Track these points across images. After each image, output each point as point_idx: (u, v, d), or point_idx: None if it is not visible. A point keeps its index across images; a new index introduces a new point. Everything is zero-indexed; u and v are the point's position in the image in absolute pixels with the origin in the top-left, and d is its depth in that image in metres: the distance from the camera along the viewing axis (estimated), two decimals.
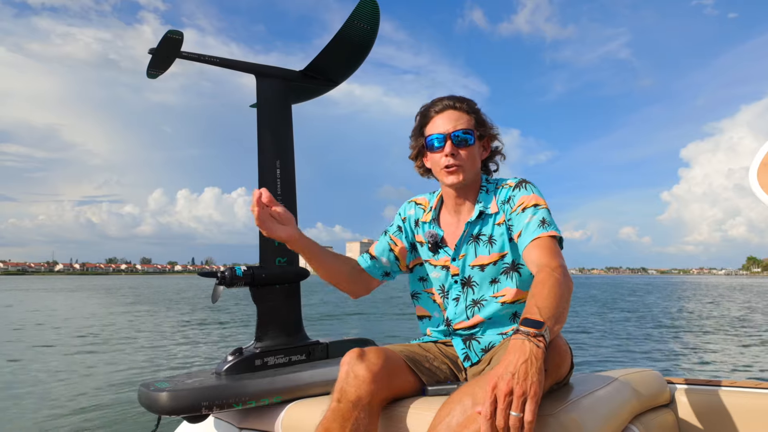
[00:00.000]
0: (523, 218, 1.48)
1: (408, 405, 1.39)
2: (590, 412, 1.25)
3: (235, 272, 1.75)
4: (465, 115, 1.58)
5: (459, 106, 1.58)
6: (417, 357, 1.50)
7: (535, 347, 1.08)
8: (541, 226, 1.44)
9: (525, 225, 1.47)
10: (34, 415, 5.63)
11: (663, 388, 1.73)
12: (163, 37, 1.79)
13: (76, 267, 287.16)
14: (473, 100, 1.61)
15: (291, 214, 1.52)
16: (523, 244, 1.45)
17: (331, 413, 1.31)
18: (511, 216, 1.53)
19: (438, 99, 1.61)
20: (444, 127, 1.56)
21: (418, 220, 1.70)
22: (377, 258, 1.71)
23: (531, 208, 1.49)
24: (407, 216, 1.72)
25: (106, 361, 9.07)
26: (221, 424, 1.76)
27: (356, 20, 1.96)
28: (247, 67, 1.95)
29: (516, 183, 1.57)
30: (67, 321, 17.65)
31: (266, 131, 1.93)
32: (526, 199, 1.51)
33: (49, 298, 33.75)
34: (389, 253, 1.71)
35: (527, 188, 1.54)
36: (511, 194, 1.55)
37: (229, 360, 1.72)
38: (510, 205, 1.54)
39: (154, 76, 1.95)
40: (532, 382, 1.04)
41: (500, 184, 1.60)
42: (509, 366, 1.05)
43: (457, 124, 1.56)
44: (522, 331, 1.11)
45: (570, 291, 1.29)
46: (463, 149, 1.55)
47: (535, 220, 1.46)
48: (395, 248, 1.71)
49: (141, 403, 1.59)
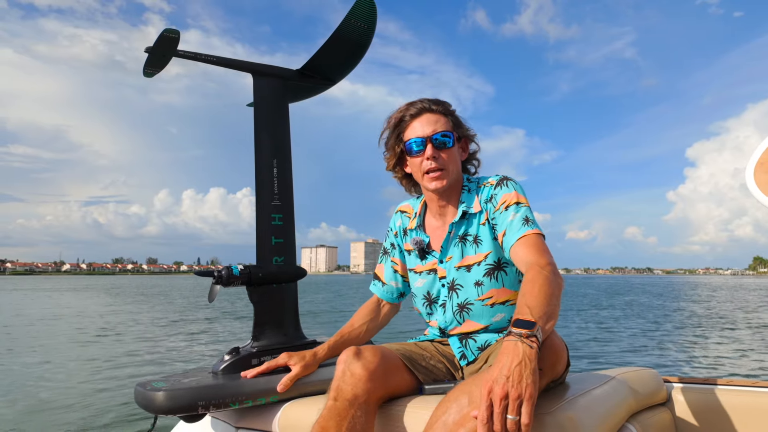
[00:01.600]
0: (506, 216, 1.48)
1: (405, 403, 1.39)
2: (587, 411, 1.25)
3: (232, 271, 1.75)
4: (443, 118, 1.56)
5: (435, 108, 1.56)
6: (413, 355, 1.50)
7: (528, 348, 1.07)
8: (525, 224, 1.44)
9: (509, 223, 1.46)
10: (29, 414, 5.62)
11: (660, 387, 1.73)
12: (159, 36, 1.79)
13: (82, 267, 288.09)
14: (449, 102, 1.60)
15: (295, 357, 1.63)
16: (509, 243, 1.44)
17: (328, 411, 1.31)
18: (494, 215, 1.51)
19: (411, 102, 1.59)
20: (423, 130, 1.54)
21: (405, 228, 1.69)
22: (387, 283, 1.75)
23: (513, 206, 1.48)
24: (397, 229, 1.72)
25: (102, 360, 9.05)
26: (218, 424, 1.75)
27: (353, 19, 1.95)
28: (244, 66, 1.95)
29: (497, 181, 1.55)
30: (63, 320, 17.62)
31: (263, 130, 1.93)
32: (508, 197, 1.50)
33: (55, 298, 33.68)
34: (395, 275, 1.74)
35: (509, 186, 1.53)
36: (493, 192, 1.54)
37: (225, 359, 1.71)
38: (493, 204, 1.52)
39: (151, 74, 1.94)
40: (527, 384, 1.03)
41: (482, 182, 1.58)
42: (503, 369, 1.05)
43: (436, 126, 1.54)
44: (514, 332, 1.10)
45: (560, 288, 1.28)
46: (444, 152, 1.54)
47: (518, 218, 1.45)
48: (398, 269, 1.73)
49: (137, 402, 1.58)
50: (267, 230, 1.89)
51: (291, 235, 1.95)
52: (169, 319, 17.51)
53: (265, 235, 1.88)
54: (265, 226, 1.89)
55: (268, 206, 1.90)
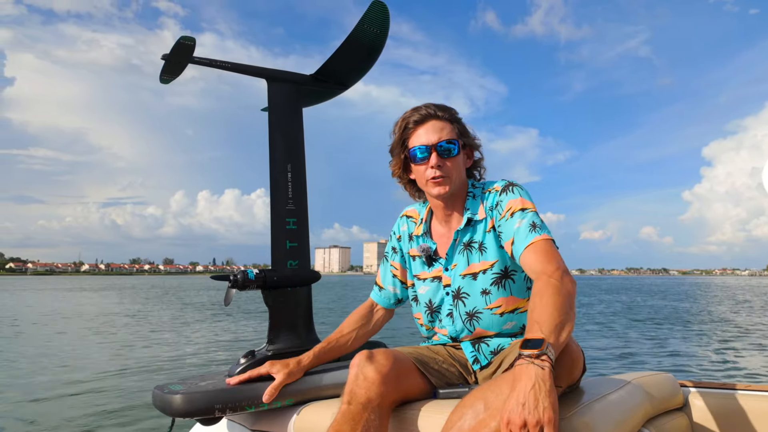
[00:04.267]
0: (512, 224, 1.45)
1: (419, 408, 1.39)
2: (602, 416, 1.24)
3: (248, 275, 1.77)
4: (448, 125, 1.54)
5: (441, 115, 1.54)
6: (426, 359, 1.50)
7: (540, 370, 1.04)
8: (532, 231, 1.41)
9: (515, 231, 1.44)
10: (48, 416, 5.70)
11: (676, 392, 1.71)
12: (175, 43, 1.81)
13: (101, 267, 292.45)
14: (454, 108, 1.57)
15: (277, 365, 1.61)
16: (518, 251, 1.42)
17: (342, 415, 1.32)
18: (500, 222, 1.49)
19: (416, 108, 1.56)
20: (428, 137, 1.52)
21: (411, 234, 1.68)
22: (385, 288, 1.74)
23: (519, 212, 1.46)
24: (401, 233, 1.71)
25: (120, 363, 9.16)
26: (234, 427, 1.77)
27: (366, 24, 1.96)
28: (258, 72, 1.96)
29: (503, 187, 1.53)
30: (81, 320, 17.87)
31: (277, 135, 1.94)
32: (513, 204, 1.48)
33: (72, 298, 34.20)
34: (394, 280, 1.73)
35: (514, 191, 1.51)
36: (498, 199, 1.52)
37: (241, 362, 1.73)
38: (498, 211, 1.50)
39: (167, 81, 1.97)
40: (543, 408, 1.00)
41: (487, 188, 1.56)
42: (519, 396, 1.02)
43: (441, 134, 1.52)
44: (524, 355, 1.08)
45: (571, 294, 1.26)
46: (449, 160, 1.52)
47: (525, 224, 1.43)
48: (397, 273, 1.72)
49: (155, 405, 1.61)
50: (281, 234, 1.90)
51: (305, 239, 1.96)
52: (184, 320, 17.68)
53: (280, 239, 1.90)
54: (280, 230, 1.90)
55: (283, 210, 1.91)
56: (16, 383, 7.47)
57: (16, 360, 9.54)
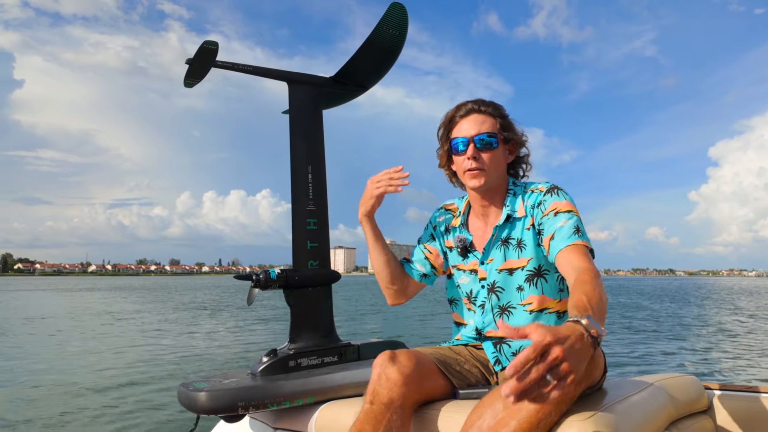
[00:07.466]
0: (556, 222, 1.46)
1: (439, 408, 1.40)
2: (624, 418, 1.23)
3: (270, 275, 1.80)
4: (490, 119, 1.57)
5: (484, 109, 1.57)
6: (447, 360, 1.51)
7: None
8: (576, 234, 1.42)
9: (558, 228, 1.44)
10: (73, 414, 5.80)
11: (700, 394, 1.69)
12: (199, 48, 1.85)
13: (108, 268, 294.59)
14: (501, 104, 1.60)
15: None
16: (557, 247, 1.42)
17: (364, 415, 1.33)
18: (542, 220, 1.50)
19: (463, 103, 1.61)
20: (468, 130, 1.56)
21: (448, 226, 1.71)
22: (414, 263, 1.75)
23: (565, 213, 1.47)
24: (437, 223, 1.73)
25: (143, 361, 9.31)
26: (256, 424, 1.80)
27: (385, 26, 1.98)
28: (279, 75, 1.99)
29: (548, 188, 1.54)
30: (100, 319, 18.18)
31: (298, 138, 1.97)
32: (559, 205, 1.49)
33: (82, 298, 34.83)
34: (425, 261, 1.74)
35: (559, 195, 1.52)
36: (542, 199, 1.53)
37: (264, 361, 1.76)
38: (541, 210, 1.51)
39: (191, 85, 2.01)
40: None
41: (529, 187, 1.58)
42: (575, 342, 0.96)
43: (481, 127, 1.55)
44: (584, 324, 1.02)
45: (607, 302, 1.24)
46: (486, 153, 1.54)
47: (570, 225, 1.44)
48: (430, 256, 1.73)
49: (181, 402, 1.64)
50: (303, 235, 1.93)
51: (326, 240, 1.99)
52: (209, 320, 17.87)
53: (301, 240, 1.92)
54: (301, 231, 1.93)
55: (304, 211, 1.94)
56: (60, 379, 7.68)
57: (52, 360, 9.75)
